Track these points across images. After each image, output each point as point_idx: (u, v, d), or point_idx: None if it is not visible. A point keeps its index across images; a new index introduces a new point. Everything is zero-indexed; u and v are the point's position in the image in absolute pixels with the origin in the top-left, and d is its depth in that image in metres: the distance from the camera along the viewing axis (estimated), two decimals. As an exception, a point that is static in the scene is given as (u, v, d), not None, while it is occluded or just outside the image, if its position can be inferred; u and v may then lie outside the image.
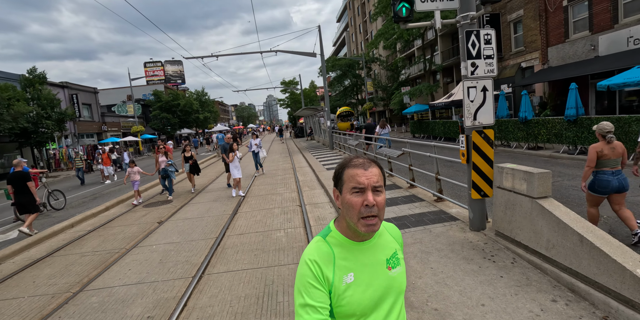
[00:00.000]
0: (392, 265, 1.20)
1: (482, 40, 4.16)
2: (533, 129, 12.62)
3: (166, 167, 9.75)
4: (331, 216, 6.63)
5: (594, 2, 13.98)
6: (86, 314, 3.77)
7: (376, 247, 1.20)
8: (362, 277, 1.14)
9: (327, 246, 1.16)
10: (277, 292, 3.83)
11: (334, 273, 1.12)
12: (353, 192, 1.10)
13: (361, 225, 1.09)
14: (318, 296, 1.07)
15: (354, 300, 1.11)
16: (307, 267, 1.11)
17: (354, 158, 1.17)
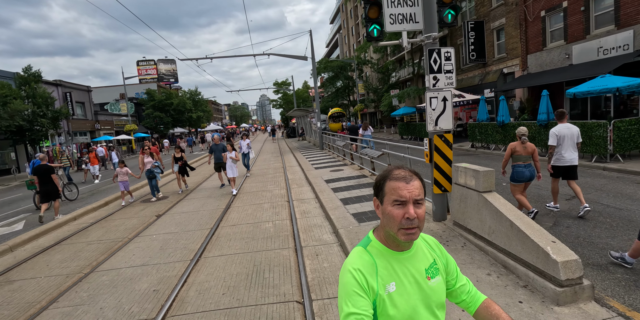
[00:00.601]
0: (431, 275, 1.22)
1: (443, 57, 4.86)
2: (510, 132, 13.44)
3: (152, 168, 9.81)
4: (316, 211, 7.29)
5: (568, 14, 14.89)
6: (99, 289, 4.38)
7: (415, 257, 1.22)
8: (403, 287, 1.15)
9: (369, 256, 1.17)
10: (264, 270, 4.49)
11: (377, 282, 1.13)
12: (394, 205, 1.12)
13: (401, 234, 1.11)
14: (362, 304, 1.08)
15: (398, 309, 1.12)
16: (351, 275, 1.12)
17: (395, 169, 1.18)
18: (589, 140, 10.15)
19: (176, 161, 10.81)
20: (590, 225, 5.26)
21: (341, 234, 5.34)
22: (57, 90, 29.59)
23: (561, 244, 3.42)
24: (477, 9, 20.90)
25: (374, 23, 4.73)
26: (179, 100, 44.43)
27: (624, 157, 10.05)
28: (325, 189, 8.89)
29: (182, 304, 3.80)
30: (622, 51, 12.72)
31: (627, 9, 12.60)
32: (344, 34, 55.93)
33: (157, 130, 43.81)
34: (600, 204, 6.23)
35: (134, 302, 3.95)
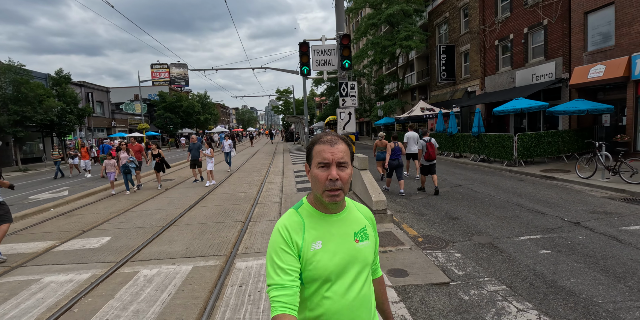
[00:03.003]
0: (360, 239, 1.28)
1: (349, 87, 7.86)
2: (457, 141, 16.34)
3: (127, 163, 10.33)
4: (277, 187, 10.28)
5: (514, 44, 17.82)
6: (132, 217, 7.39)
7: (345, 221, 1.27)
8: (329, 245, 1.21)
9: (299, 216, 1.24)
10: (229, 211, 7.47)
11: (304, 239, 1.19)
12: (319, 167, 1.17)
13: (325, 195, 1.17)
14: (288, 259, 1.15)
15: (320, 265, 1.18)
16: (278, 233, 1.20)
17: (324, 135, 1.23)
18: (502, 149, 13.03)
19: (153, 158, 11.27)
20: (441, 196, 8.19)
21: (283, 197, 8.33)
22: (81, 90, 33.10)
23: (382, 195, 6.37)
24: (450, 35, 23.93)
25: (305, 65, 7.77)
26: (189, 103, 47.87)
27: (526, 162, 12.90)
28: (291, 176, 11.91)
29: (179, 222, 6.79)
30: (548, 78, 15.59)
31: (552, 44, 15.52)
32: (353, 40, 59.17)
33: (167, 130, 47.23)
34: (468, 189, 9.14)
35: (152, 221, 6.95)
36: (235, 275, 4.21)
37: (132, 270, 4.48)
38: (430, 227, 5.98)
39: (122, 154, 10.48)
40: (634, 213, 6.38)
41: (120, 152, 10.58)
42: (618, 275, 3.93)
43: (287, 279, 1.12)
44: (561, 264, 4.26)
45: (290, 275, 1.13)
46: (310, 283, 1.19)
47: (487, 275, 4.03)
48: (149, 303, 3.58)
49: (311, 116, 56.65)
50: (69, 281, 4.25)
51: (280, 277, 1.12)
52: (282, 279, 1.12)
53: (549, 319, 3.12)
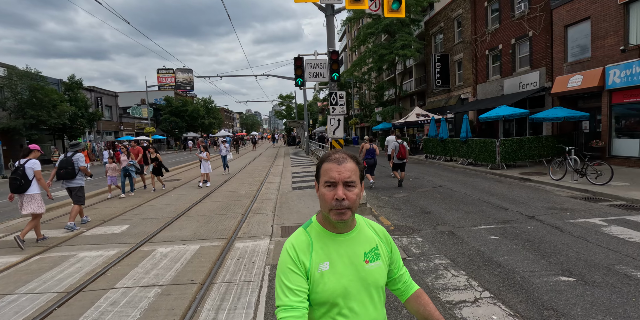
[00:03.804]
0: (370, 259, 1.24)
1: (338, 96, 8.83)
2: (447, 146, 17.25)
3: (127, 167, 10.55)
4: (274, 187, 11.24)
5: (502, 54, 18.78)
6: (144, 211, 8.36)
7: (355, 240, 1.24)
8: (337, 266, 1.18)
9: (307, 236, 1.22)
10: (231, 206, 8.44)
11: (311, 260, 1.17)
12: (326, 186, 1.15)
13: (332, 214, 1.14)
14: (296, 280, 1.13)
15: (327, 287, 1.15)
16: (286, 253, 1.19)
17: (333, 153, 1.21)
18: (486, 153, 13.93)
19: (151, 161, 11.50)
20: (421, 195, 9.12)
21: (279, 194, 9.30)
22: (91, 95, 34.41)
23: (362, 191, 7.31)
24: (445, 44, 24.95)
25: (299, 77, 8.77)
26: (194, 107, 49.19)
27: (509, 166, 13.80)
28: (288, 177, 12.88)
29: (187, 214, 7.77)
30: (533, 86, 16.51)
31: (536, 54, 16.46)
32: (348, 53, 60.48)
33: (172, 134, 48.48)
34: (448, 189, 10.06)
35: (163, 213, 7.92)
36: (234, 252, 5.18)
37: (150, 249, 5.45)
38: (403, 219, 6.91)
39: (122, 157, 10.67)
40: (587, 209, 7.27)
41: (121, 155, 10.75)
42: (545, 254, 4.84)
43: (295, 300, 1.10)
44: (502, 246, 5.18)
45: (299, 296, 1.11)
46: (318, 306, 1.17)
47: (438, 253, 4.96)
48: (166, 270, 4.55)
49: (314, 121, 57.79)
50: (100, 256, 5.22)
51: (289, 298, 1.11)
52: (290, 300, 1.10)
53: (475, 281, 4.04)
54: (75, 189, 6.99)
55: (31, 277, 4.53)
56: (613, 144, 13.09)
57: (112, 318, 3.38)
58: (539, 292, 3.72)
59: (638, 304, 3.41)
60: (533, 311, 3.36)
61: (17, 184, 5.83)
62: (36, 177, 5.97)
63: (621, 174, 11.06)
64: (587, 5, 13.61)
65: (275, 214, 7.54)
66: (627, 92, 12.15)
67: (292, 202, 8.52)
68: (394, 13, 8.92)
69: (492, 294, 3.71)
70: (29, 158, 6.08)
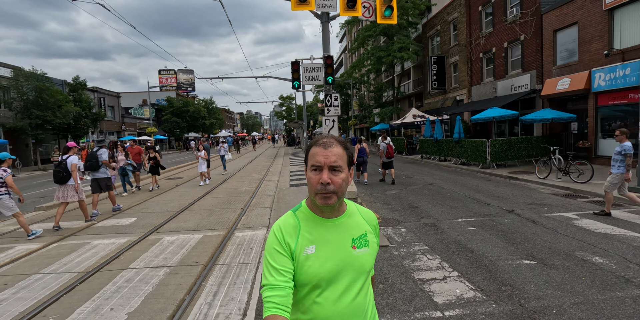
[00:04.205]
0: (358, 245, 1.25)
1: (333, 98, 9.36)
2: (442, 146, 17.77)
3: (124, 166, 10.71)
4: (273, 184, 11.77)
5: (495, 57, 19.31)
6: (150, 205, 8.88)
7: (343, 226, 1.25)
8: (323, 250, 1.20)
9: (295, 219, 1.24)
10: (231, 201, 8.97)
11: (297, 243, 1.19)
12: (312, 170, 1.16)
13: (318, 198, 1.16)
14: (281, 260, 1.16)
15: (311, 270, 1.17)
16: (273, 234, 1.22)
17: (321, 137, 1.22)
18: (477, 153, 14.45)
19: (149, 161, 11.57)
20: (411, 192, 9.64)
21: (277, 191, 9.82)
22: (94, 96, 34.99)
23: (353, 186, 7.83)
24: (441, 47, 25.48)
25: (296, 80, 9.30)
26: (195, 108, 49.76)
27: (499, 165, 14.31)
28: (286, 175, 13.41)
29: (190, 208, 8.30)
30: (524, 89, 17.03)
31: (528, 58, 16.98)
32: (348, 54, 61.03)
33: (174, 134, 49.05)
34: (438, 186, 10.57)
35: (168, 208, 8.45)
36: (234, 239, 5.71)
37: (157, 237, 5.97)
38: (391, 213, 7.43)
39: (120, 157, 10.75)
40: (564, 205, 7.79)
41: (118, 155, 10.85)
42: (515, 242, 5.36)
43: (280, 279, 1.12)
44: (477, 236, 5.70)
45: (284, 275, 1.13)
46: (301, 287, 1.19)
47: (418, 242, 5.48)
48: (173, 254, 5.08)
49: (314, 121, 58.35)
50: (112, 243, 5.75)
51: (274, 278, 1.13)
52: (275, 280, 1.12)
53: (447, 264, 4.56)
54: (102, 179, 8.00)
55: (52, 260, 5.06)
56: (599, 145, 13.60)
57: (129, 291, 3.91)
58: (501, 273, 4.25)
59: (586, 282, 3.93)
60: (492, 287, 3.88)
61: (60, 176, 6.84)
62: (71, 170, 6.91)
63: (604, 172, 11.56)
64: (575, 11, 14.14)
65: (272, 208, 8.07)
66: (611, 95, 12.67)
67: (288, 198, 9.05)
68: (386, 19, 9.44)
69: (460, 274, 4.24)
70: (69, 154, 7.05)
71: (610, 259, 4.56)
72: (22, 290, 4.09)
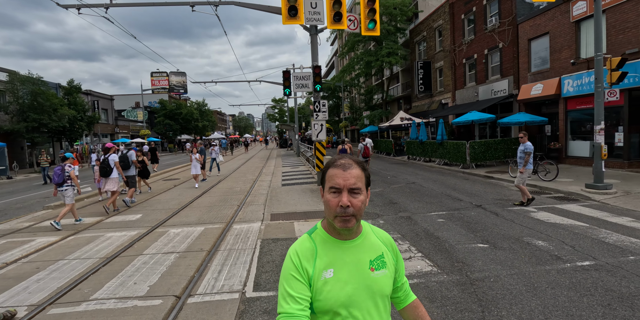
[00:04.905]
0: (376, 267, 1.22)
1: (321, 104, 10.20)
2: (426, 147, 18.74)
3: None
4: (266, 184, 12.55)
5: (477, 63, 20.38)
6: (152, 203, 9.60)
7: (360, 247, 1.22)
8: (341, 274, 1.16)
9: (311, 242, 1.21)
10: (228, 199, 9.74)
11: (314, 267, 1.16)
12: (331, 192, 1.13)
13: (337, 221, 1.13)
14: (298, 287, 1.12)
15: (331, 295, 1.14)
16: (289, 260, 1.17)
17: (339, 158, 1.20)
18: (458, 154, 15.42)
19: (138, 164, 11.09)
20: (393, 190, 10.52)
21: (270, 190, 10.62)
22: (88, 99, 35.35)
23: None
24: (428, 52, 26.55)
25: (287, 88, 10.13)
26: (188, 110, 50.20)
27: (478, 165, 15.29)
28: (279, 175, 14.21)
29: (190, 206, 9.04)
30: (503, 93, 18.09)
31: (506, 64, 18.05)
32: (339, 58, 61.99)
33: (166, 136, 49.43)
34: (419, 185, 11.47)
35: (169, 206, 9.18)
36: (233, 231, 6.50)
37: (164, 230, 6.73)
38: (372, 208, 8.28)
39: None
40: (527, 200, 8.71)
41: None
42: (475, 231, 6.24)
43: (296, 307, 1.09)
44: (444, 226, 6.57)
45: (300, 304, 1.10)
46: (321, 314, 1.16)
47: (393, 231, 6.34)
48: (179, 243, 5.85)
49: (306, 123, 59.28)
50: (124, 235, 6.50)
51: (290, 306, 1.09)
52: (291, 308, 1.09)
53: (414, 247, 5.42)
54: (129, 177, 9.56)
55: (73, 249, 5.79)
56: (569, 146, 14.67)
57: (146, 271, 4.68)
58: (457, 253, 5.11)
59: (524, 260, 4.81)
60: (447, 263, 4.74)
61: (105, 171, 8.66)
62: (115, 166, 8.76)
63: (572, 171, 12.61)
64: (547, 22, 15.23)
65: (266, 204, 8.86)
66: (578, 100, 13.74)
67: (280, 196, 9.86)
68: (370, 31, 10.33)
69: (423, 254, 5.09)
70: (110, 153, 8.79)
71: (550, 242, 5.46)
72: (53, 272, 4.83)
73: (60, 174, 7.32)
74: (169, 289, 4.09)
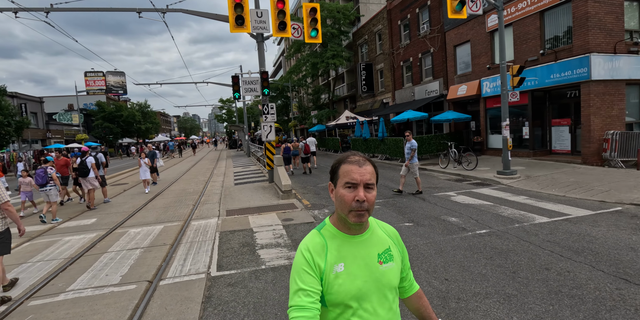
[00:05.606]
0: (384, 260, 1.27)
1: (270, 107, 10.92)
2: (369, 144, 20.19)
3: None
4: (219, 184, 13.00)
5: (412, 66, 22.30)
6: (105, 208, 9.69)
7: (368, 242, 1.26)
8: (352, 268, 1.21)
9: (321, 238, 1.24)
10: (183, 200, 10.13)
11: (326, 262, 1.19)
12: (346, 187, 1.17)
13: (352, 216, 1.17)
14: (310, 281, 1.15)
15: (342, 289, 1.18)
16: (301, 255, 1.21)
17: (350, 155, 1.23)
18: (397, 149, 16.96)
19: (73, 171, 10.91)
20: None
21: (223, 189, 11.15)
22: (13, 102, 32.44)
23: (289, 181, 9.51)
24: (369, 54, 28.25)
25: (236, 92, 10.71)
26: (129, 112, 47.77)
27: (415, 159, 16.95)
28: (231, 175, 14.68)
29: (145, 208, 9.32)
30: (435, 94, 20.09)
31: (437, 67, 20.06)
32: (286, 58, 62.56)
33: (106, 140, 46.67)
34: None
35: (124, 209, 9.37)
36: (192, 227, 7.06)
37: (123, 231, 7.08)
38: (319, 200, 9.23)
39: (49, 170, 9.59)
40: (451, 187, 10.20)
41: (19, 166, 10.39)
42: (404, 213, 7.41)
43: (307, 300, 1.12)
44: (380, 211, 7.68)
45: (311, 297, 1.13)
46: (333, 306, 1.20)
47: (337, 218, 7.31)
48: (142, 240, 6.31)
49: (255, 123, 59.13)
50: (83, 238, 6.76)
51: (301, 299, 1.13)
52: (302, 300, 1.12)
53: (354, 230, 6.42)
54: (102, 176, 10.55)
55: (34, 253, 6.00)
56: (489, 139, 16.85)
57: (115, 264, 5.16)
58: (388, 231, 6.19)
59: (438, 232, 5.99)
60: (379, 239, 5.79)
61: (83, 172, 9.53)
62: (92, 167, 9.69)
63: (490, 161, 14.61)
64: (468, 31, 17.27)
65: (221, 202, 9.43)
66: (494, 99, 15.87)
67: (234, 194, 10.45)
68: (313, 39, 11.23)
69: (360, 234, 6.10)
70: (87, 156, 9.83)
71: (461, 218, 6.76)
72: (20, 273, 5.10)
73: (44, 175, 8.07)
74: (140, 276, 4.64)
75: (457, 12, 10.30)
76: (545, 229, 5.78)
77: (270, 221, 7.26)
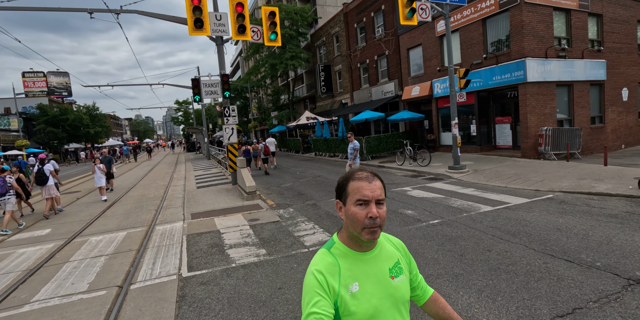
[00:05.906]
0: (395, 275, 1.26)
1: (230, 110, 10.98)
2: (330, 144, 20.69)
3: None
4: (180, 188, 12.81)
5: (369, 67, 23.14)
6: (60, 217, 9.26)
7: (379, 258, 1.25)
8: (366, 286, 1.19)
9: (332, 257, 1.21)
10: (144, 206, 9.92)
11: (340, 283, 1.17)
12: (357, 204, 1.15)
13: (365, 233, 1.15)
14: (322, 304, 1.12)
15: (360, 309, 1.16)
16: (313, 277, 1.17)
17: (357, 171, 1.22)
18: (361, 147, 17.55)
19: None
20: (302, 184, 11.90)
21: (185, 193, 11.04)
22: (-62, 106, 29.31)
23: (253, 182, 9.66)
24: (327, 56, 28.83)
25: (197, 95, 10.66)
26: (76, 115, 44.79)
27: (374, 157, 17.71)
28: (192, 179, 14.48)
29: (104, 215, 9.04)
30: (391, 94, 21.02)
31: (392, 69, 21.00)
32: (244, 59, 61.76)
33: (50, 146, 43.44)
34: (324, 178, 13.04)
35: (80, 217, 9.02)
36: (157, 231, 7.02)
37: (83, 239, 6.89)
38: (284, 200, 9.49)
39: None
40: (407, 182, 10.86)
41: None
42: (366, 209, 7.86)
43: None
44: (343, 208, 8.09)
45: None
46: None
47: (301, 216, 7.62)
48: (105, 247, 6.21)
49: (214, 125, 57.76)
50: (40, 249, 6.50)
51: None
52: None
53: (317, 225, 6.75)
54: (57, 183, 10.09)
55: (-15, 267, 5.71)
56: (441, 137, 17.97)
57: (80, 272, 5.09)
58: (351, 226, 6.60)
59: (396, 224, 6.49)
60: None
61: (42, 179, 9.29)
62: (51, 174, 9.51)
63: (443, 157, 15.62)
64: (419, 35, 18.28)
65: (184, 206, 9.38)
66: (445, 99, 16.96)
67: (198, 197, 10.40)
68: (272, 42, 11.43)
69: (324, 229, 6.46)
70: (45, 163, 9.59)
71: (416, 211, 7.33)
72: (-26, 288, 4.88)
73: (3, 184, 7.95)
74: (109, 282, 4.65)
75: (409, 19, 10.98)
76: (488, 216, 6.48)
77: (236, 222, 7.40)
